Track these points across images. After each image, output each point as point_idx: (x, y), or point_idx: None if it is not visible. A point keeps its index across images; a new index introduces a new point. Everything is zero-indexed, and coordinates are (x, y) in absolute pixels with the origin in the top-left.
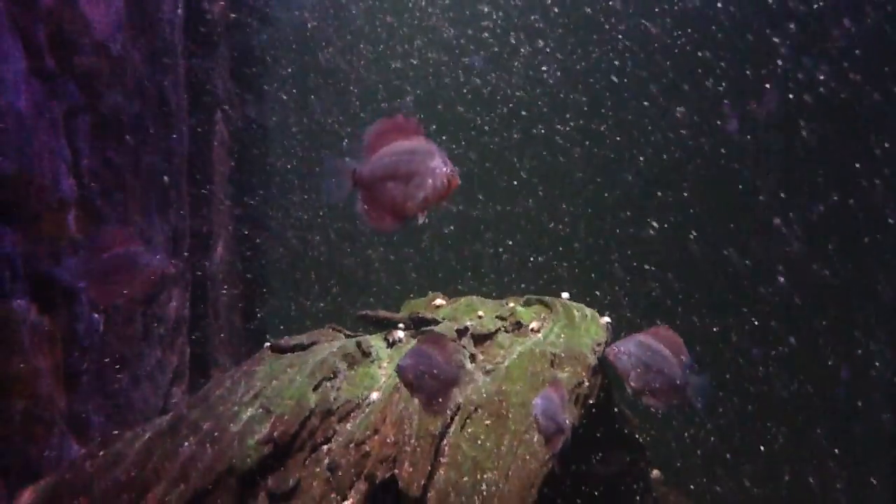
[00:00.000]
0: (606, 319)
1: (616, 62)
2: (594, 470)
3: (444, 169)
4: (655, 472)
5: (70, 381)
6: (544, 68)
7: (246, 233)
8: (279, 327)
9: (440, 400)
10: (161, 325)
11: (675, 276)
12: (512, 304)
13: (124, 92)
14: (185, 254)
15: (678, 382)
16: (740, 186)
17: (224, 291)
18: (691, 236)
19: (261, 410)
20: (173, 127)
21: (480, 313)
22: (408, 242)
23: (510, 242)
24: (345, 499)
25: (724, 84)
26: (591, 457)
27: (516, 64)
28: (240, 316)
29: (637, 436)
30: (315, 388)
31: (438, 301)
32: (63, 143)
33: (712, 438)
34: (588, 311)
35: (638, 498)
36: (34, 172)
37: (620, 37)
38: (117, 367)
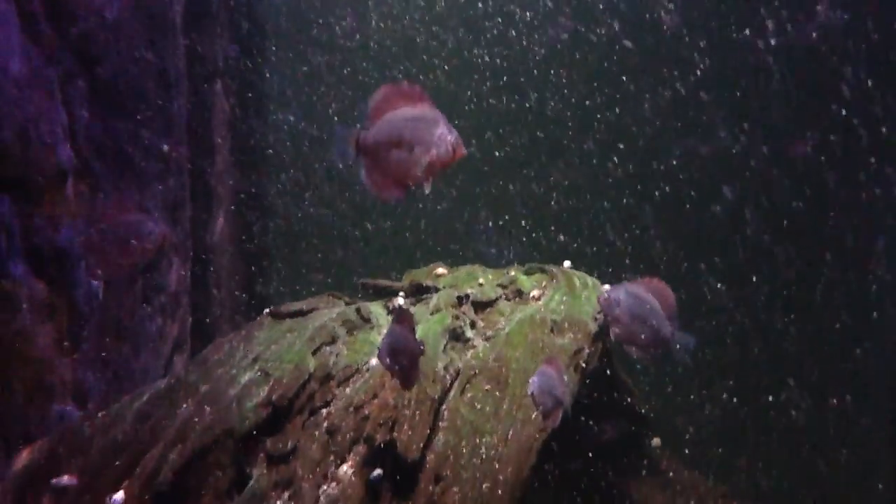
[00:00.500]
0: (608, 288)
1: (605, 33)
2: (593, 436)
3: (450, 137)
4: (656, 441)
5: (70, 349)
6: (534, 38)
7: (247, 204)
8: (281, 298)
9: (412, 372)
10: (161, 294)
11: (677, 245)
12: (513, 273)
13: (121, 59)
14: (186, 224)
15: (663, 335)
16: (734, 151)
17: (225, 262)
18: (690, 206)
19: (259, 374)
20: (172, 96)
21: (481, 281)
22: (408, 216)
23: (507, 216)
24: (343, 461)
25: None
26: (590, 423)
27: (508, 35)
28: (241, 287)
29: (637, 404)
30: (314, 353)
31: (440, 270)
32: (60, 110)
33: (714, 408)
34: (589, 279)
35: (641, 468)
36: (31, 138)
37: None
38: (117, 335)
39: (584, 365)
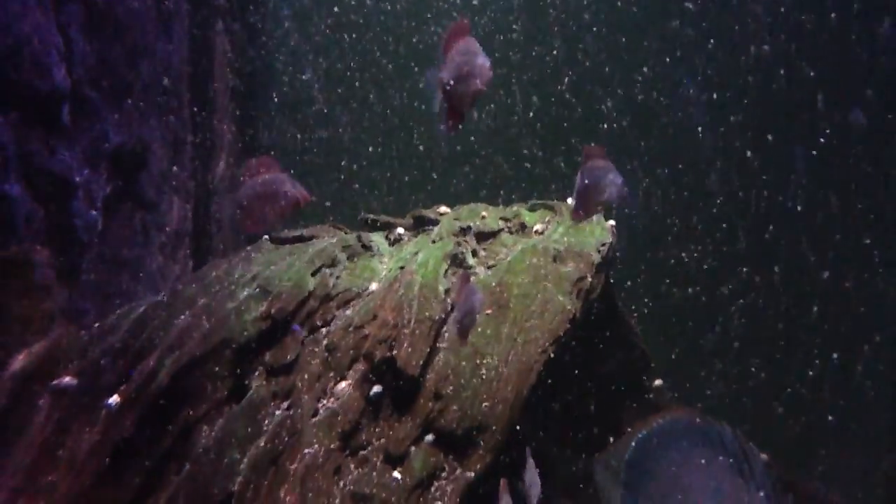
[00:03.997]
0: (612, 223)
1: None
2: (593, 367)
3: (487, 64)
4: (658, 382)
5: (69, 277)
6: None
7: (248, 146)
8: None
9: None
10: (161, 233)
11: (680, 187)
12: (517, 209)
13: None
14: (187, 164)
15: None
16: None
17: (227, 206)
18: (695, 152)
19: (258, 290)
20: (172, 31)
21: (484, 214)
22: (410, 163)
23: (512, 157)
24: (343, 378)
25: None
26: (590, 355)
27: None
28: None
29: (639, 343)
30: (314, 274)
31: (442, 209)
32: (54, 31)
33: (715, 350)
34: (594, 215)
35: (642, 407)
36: (24, 57)
37: None
38: (117, 267)
39: (586, 292)
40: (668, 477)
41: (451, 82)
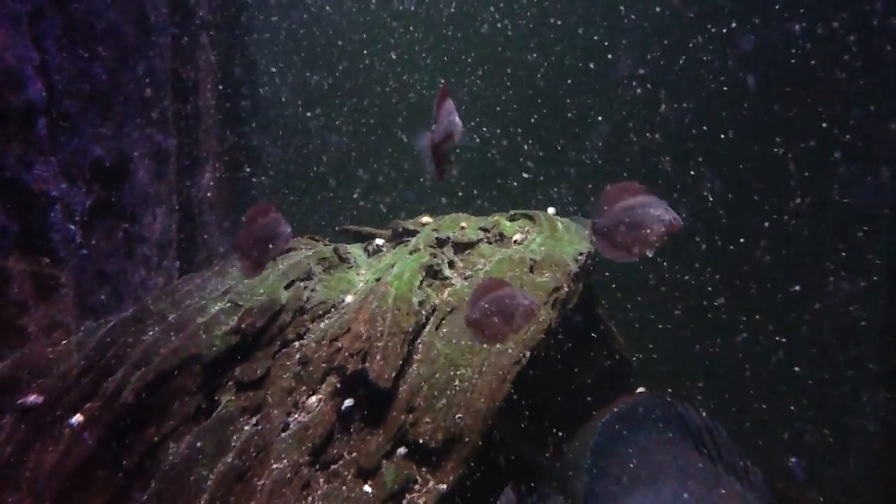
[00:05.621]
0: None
1: None
2: (572, 376)
3: (460, 127)
4: (640, 390)
5: (47, 292)
6: None
7: (234, 158)
8: None
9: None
10: (144, 245)
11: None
12: (496, 218)
13: None
14: (171, 176)
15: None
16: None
17: (212, 218)
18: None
19: (229, 304)
20: (153, 42)
21: (463, 225)
22: (394, 174)
23: (499, 165)
24: (315, 392)
25: None
26: (572, 363)
27: None
28: (229, 241)
29: (621, 350)
30: (287, 287)
31: (424, 219)
32: (28, 44)
33: (698, 356)
34: (574, 224)
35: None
36: None
37: None
38: (98, 282)
39: (562, 302)
40: (633, 459)
41: (437, 141)
